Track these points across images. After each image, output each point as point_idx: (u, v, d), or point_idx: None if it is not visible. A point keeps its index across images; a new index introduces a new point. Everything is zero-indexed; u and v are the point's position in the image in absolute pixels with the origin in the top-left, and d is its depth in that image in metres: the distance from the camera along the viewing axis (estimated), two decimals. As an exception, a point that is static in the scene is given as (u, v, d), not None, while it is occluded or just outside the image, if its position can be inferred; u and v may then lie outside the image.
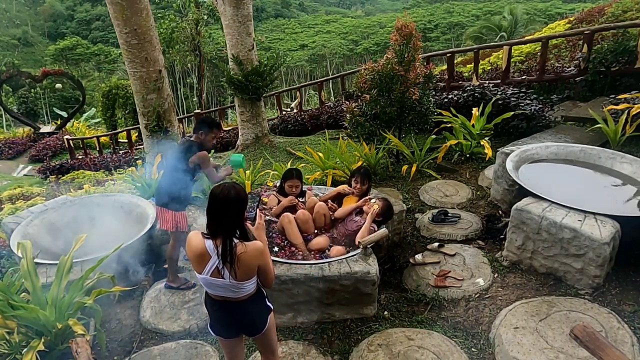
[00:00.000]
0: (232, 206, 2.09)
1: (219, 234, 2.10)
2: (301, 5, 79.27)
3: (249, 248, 2.11)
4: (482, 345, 2.92)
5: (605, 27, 8.49)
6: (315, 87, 24.74)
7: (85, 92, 23.14)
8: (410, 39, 5.85)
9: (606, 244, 3.06)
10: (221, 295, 2.22)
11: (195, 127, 3.76)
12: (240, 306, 2.24)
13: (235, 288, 2.17)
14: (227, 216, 2.09)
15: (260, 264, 2.18)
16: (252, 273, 2.17)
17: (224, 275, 2.12)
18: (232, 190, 2.10)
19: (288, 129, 11.66)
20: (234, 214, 2.10)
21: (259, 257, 2.16)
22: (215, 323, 2.36)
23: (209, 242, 2.12)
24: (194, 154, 3.58)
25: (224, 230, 2.10)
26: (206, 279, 2.17)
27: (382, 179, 6.03)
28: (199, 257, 2.15)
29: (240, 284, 2.15)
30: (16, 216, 4.80)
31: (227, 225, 2.10)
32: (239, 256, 2.08)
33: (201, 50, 21.09)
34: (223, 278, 2.13)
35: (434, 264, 3.80)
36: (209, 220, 2.13)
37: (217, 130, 3.75)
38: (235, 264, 2.08)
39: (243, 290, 2.20)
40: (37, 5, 69.06)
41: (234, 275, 2.10)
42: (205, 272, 2.15)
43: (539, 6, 52.54)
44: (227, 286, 2.16)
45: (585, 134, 5.95)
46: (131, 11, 6.05)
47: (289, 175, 4.06)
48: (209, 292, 2.27)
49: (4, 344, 3.00)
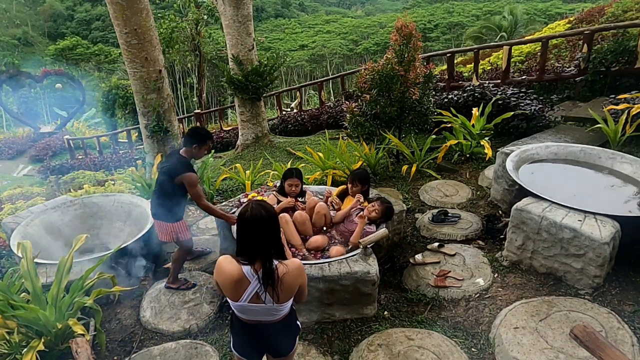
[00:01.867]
0: (267, 226, 1.96)
1: (257, 257, 1.96)
2: (301, 5, 79.23)
3: (290, 268, 2.00)
4: (482, 345, 2.92)
5: (605, 27, 8.49)
6: (315, 87, 24.74)
7: (85, 92, 23.14)
8: (410, 39, 5.86)
9: (606, 244, 3.06)
10: (257, 319, 2.09)
11: (186, 139, 3.53)
12: (274, 328, 2.11)
13: (275, 311, 2.05)
14: (264, 238, 1.96)
15: (301, 282, 2.07)
16: (293, 293, 2.06)
17: (265, 300, 1.98)
18: (262, 209, 1.97)
19: (288, 129, 11.66)
20: (271, 234, 1.98)
21: (301, 276, 2.05)
22: (243, 345, 2.20)
23: (247, 268, 1.96)
24: (181, 173, 3.42)
25: (263, 253, 1.96)
26: (243, 305, 2.01)
27: (382, 179, 6.03)
28: (236, 285, 1.97)
29: (280, 306, 2.04)
30: (16, 216, 4.80)
31: (265, 247, 1.96)
32: (282, 278, 1.96)
33: (201, 50, 21.09)
34: (264, 303, 1.99)
35: (434, 264, 3.80)
36: (243, 245, 1.98)
37: (211, 142, 3.61)
38: (278, 287, 1.95)
39: (282, 312, 2.09)
40: (37, 5, 69.03)
41: (277, 298, 1.98)
42: (243, 300, 1.99)
43: (539, 6, 52.51)
44: (266, 310, 2.03)
45: (585, 134, 5.95)
46: (131, 11, 6.05)
47: (289, 174, 4.07)
48: (242, 317, 2.11)
49: (4, 344, 3.00)
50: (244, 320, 2.12)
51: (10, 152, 18.19)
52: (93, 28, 62.64)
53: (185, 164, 3.51)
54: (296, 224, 3.59)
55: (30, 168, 15.76)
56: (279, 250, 2.03)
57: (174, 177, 3.44)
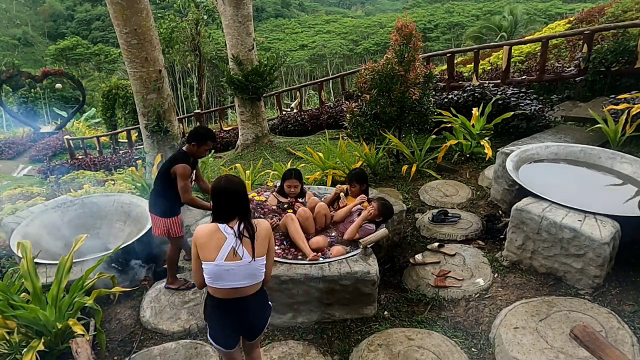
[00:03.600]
0: (240, 191, 2.26)
1: (233, 218, 2.23)
2: (301, 5, 79.23)
3: (259, 223, 2.30)
4: (482, 345, 2.92)
5: (605, 27, 8.49)
6: (315, 87, 24.73)
7: (85, 92, 23.14)
8: (410, 39, 5.86)
9: (606, 244, 3.06)
10: (231, 286, 2.20)
11: (188, 137, 3.61)
12: (249, 304, 2.26)
13: (250, 270, 2.21)
14: (239, 200, 2.24)
15: (270, 241, 2.32)
16: (265, 249, 2.28)
17: (242, 255, 2.18)
18: (234, 178, 2.31)
19: (288, 129, 11.66)
20: (244, 197, 2.27)
21: (269, 233, 2.31)
22: (220, 329, 2.31)
23: (222, 225, 2.21)
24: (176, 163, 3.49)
25: (240, 213, 2.23)
26: (219, 265, 2.16)
27: (382, 179, 6.03)
28: (214, 241, 2.18)
29: (257, 264, 2.22)
30: (16, 216, 4.80)
31: (240, 207, 2.24)
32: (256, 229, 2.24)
33: (201, 50, 21.08)
34: (241, 259, 2.18)
35: (434, 264, 3.80)
36: (221, 210, 2.24)
37: (211, 142, 3.64)
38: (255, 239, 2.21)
39: (257, 275, 2.25)
40: (37, 5, 69.02)
41: (251, 250, 2.20)
42: (219, 258, 2.16)
43: (539, 6, 52.49)
44: (241, 269, 2.19)
45: (585, 134, 5.95)
46: (131, 11, 6.05)
47: (288, 175, 4.07)
48: (216, 287, 2.21)
49: (4, 344, 3.01)
50: (220, 298, 2.25)
51: (10, 152, 18.19)
52: (93, 28, 62.64)
53: (183, 156, 3.56)
54: (300, 220, 3.58)
55: (30, 168, 15.76)
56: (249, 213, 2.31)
57: (171, 167, 3.51)
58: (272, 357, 2.96)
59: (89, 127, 23.55)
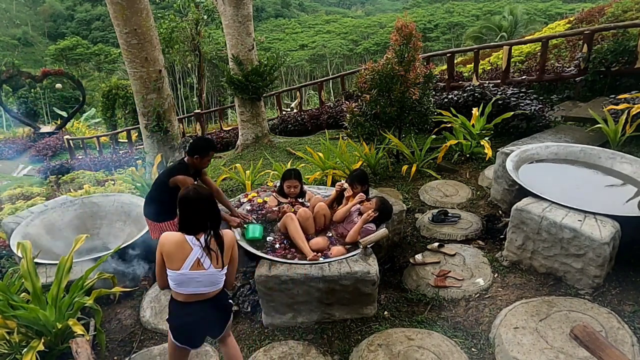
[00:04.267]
0: (207, 203, 2.33)
1: (200, 230, 2.30)
2: (301, 5, 79.22)
3: (225, 235, 2.38)
4: (482, 345, 2.92)
5: (605, 27, 8.49)
6: (315, 87, 24.74)
7: (85, 92, 23.13)
8: (410, 39, 5.86)
9: (606, 244, 3.06)
10: (195, 292, 2.32)
11: (188, 149, 3.57)
12: (209, 303, 2.38)
13: (213, 279, 2.33)
14: (208, 212, 2.31)
15: (233, 251, 2.42)
16: (228, 260, 2.39)
17: (205, 265, 2.28)
18: (201, 189, 2.36)
19: (288, 129, 11.66)
20: (211, 209, 2.33)
21: (233, 243, 2.42)
22: (183, 330, 2.42)
23: (189, 237, 2.29)
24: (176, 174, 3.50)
25: (208, 225, 2.30)
26: (184, 274, 2.28)
27: (382, 179, 6.03)
28: (180, 251, 2.27)
29: (218, 273, 2.33)
30: (16, 216, 4.80)
31: (210, 218, 2.31)
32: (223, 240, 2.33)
33: (201, 50, 21.08)
34: (204, 269, 2.28)
35: (434, 264, 3.80)
36: (188, 220, 2.31)
37: (213, 152, 3.64)
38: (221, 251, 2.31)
39: (218, 282, 2.37)
40: (37, 5, 69.01)
41: (216, 262, 2.29)
42: (184, 267, 2.27)
43: (539, 6, 52.49)
44: (205, 278, 2.30)
45: (585, 134, 5.95)
46: (131, 11, 6.05)
47: (288, 176, 4.07)
48: (180, 292, 2.33)
49: (4, 344, 3.01)
50: (182, 301, 2.36)
51: (10, 152, 18.19)
52: (93, 28, 62.64)
53: (182, 168, 3.57)
54: (300, 220, 3.58)
55: (30, 168, 15.76)
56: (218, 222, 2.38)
57: (169, 178, 3.51)
58: (272, 357, 2.96)
59: (89, 127, 23.56)
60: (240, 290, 3.68)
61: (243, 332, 3.33)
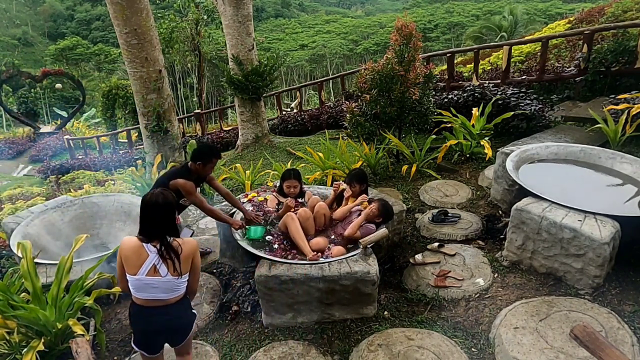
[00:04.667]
0: (164, 210, 2.31)
1: (156, 236, 2.29)
2: (301, 5, 79.24)
3: (185, 243, 2.36)
4: (482, 345, 2.92)
5: (605, 27, 8.49)
6: (315, 87, 24.74)
7: (85, 92, 23.15)
8: (410, 39, 5.85)
9: (606, 244, 3.06)
10: (152, 297, 2.32)
11: (192, 155, 3.61)
12: (170, 309, 2.36)
13: (170, 286, 2.31)
14: (162, 219, 2.30)
15: (194, 259, 2.40)
16: (187, 268, 2.37)
17: (161, 272, 2.27)
18: (161, 196, 2.33)
19: (288, 129, 11.66)
20: (167, 216, 2.32)
21: (194, 252, 2.39)
22: (142, 334, 2.43)
23: (146, 245, 2.29)
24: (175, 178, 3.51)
25: (161, 231, 2.29)
26: (140, 279, 2.28)
27: (382, 179, 6.03)
28: (136, 257, 2.28)
29: (176, 280, 2.31)
30: (16, 216, 4.80)
31: (163, 227, 2.30)
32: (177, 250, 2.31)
33: (201, 50, 21.09)
34: (161, 275, 2.27)
35: (434, 264, 3.80)
36: (144, 225, 2.31)
37: (216, 159, 3.65)
38: (177, 259, 2.29)
39: (176, 290, 2.34)
40: (37, 5, 69.02)
41: (172, 270, 2.28)
42: (140, 273, 2.27)
43: (539, 6, 52.50)
44: (162, 284, 2.29)
45: (585, 134, 5.95)
46: (131, 11, 6.05)
47: (287, 176, 4.07)
48: (138, 297, 2.34)
49: (4, 344, 3.01)
50: (141, 305, 2.35)
51: (10, 152, 18.20)
52: (93, 28, 62.66)
53: (184, 172, 3.58)
54: (300, 221, 3.58)
55: (30, 168, 15.77)
56: (175, 231, 2.36)
57: (169, 181, 3.52)
58: (272, 357, 2.96)
59: (89, 127, 23.55)
60: (240, 290, 3.68)
61: (243, 332, 3.33)
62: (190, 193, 3.52)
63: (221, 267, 4.18)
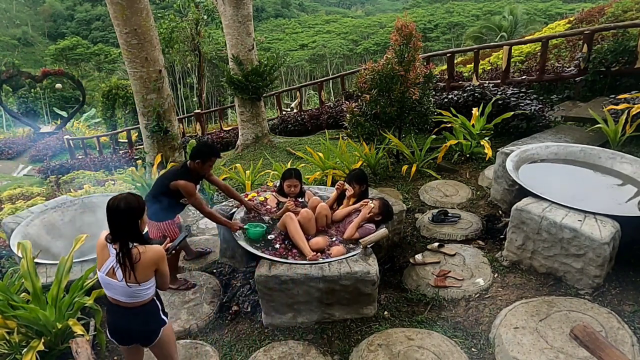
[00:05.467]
0: (124, 216, 2.24)
1: (117, 239, 2.26)
2: (301, 5, 79.22)
3: (147, 250, 2.27)
4: (482, 345, 2.92)
5: (605, 27, 8.49)
6: (315, 87, 24.74)
7: (85, 92, 23.13)
8: (410, 39, 5.86)
9: (606, 244, 3.06)
10: (115, 298, 2.34)
11: (191, 154, 3.61)
12: (132, 313, 2.35)
13: (127, 292, 2.28)
14: (121, 225, 2.24)
15: (158, 268, 2.33)
16: (148, 276, 2.30)
17: (118, 276, 2.25)
18: (123, 201, 2.25)
19: (288, 129, 11.66)
20: (126, 222, 2.24)
21: (157, 261, 2.31)
22: (113, 328, 2.46)
23: (110, 245, 2.29)
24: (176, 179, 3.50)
25: (120, 236, 2.24)
26: (103, 277, 2.30)
27: (382, 179, 6.03)
28: (102, 253, 2.31)
29: (135, 288, 2.26)
30: (16, 216, 4.80)
31: (122, 232, 2.24)
32: (139, 256, 2.24)
33: (201, 50, 21.09)
34: (117, 279, 2.25)
35: (434, 264, 3.80)
36: (109, 227, 2.28)
37: (215, 158, 3.64)
38: (131, 267, 2.22)
39: (136, 297, 2.30)
40: (37, 5, 69.02)
41: (128, 278, 2.23)
42: (102, 270, 2.29)
43: (539, 6, 52.49)
44: (119, 288, 2.28)
45: (585, 134, 5.95)
46: (131, 11, 6.05)
47: (288, 175, 4.07)
48: (106, 293, 2.37)
49: (4, 344, 3.01)
50: (109, 301, 2.38)
51: (10, 152, 18.20)
52: (93, 28, 62.64)
53: (184, 173, 3.57)
54: (301, 222, 3.57)
55: (30, 168, 15.77)
56: (136, 236, 2.28)
57: (171, 181, 3.51)
58: (272, 357, 2.96)
59: (89, 127, 23.54)
60: (240, 290, 3.68)
61: (243, 332, 3.33)
62: (190, 195, 3.51)
63: (221, 267, 4.18)
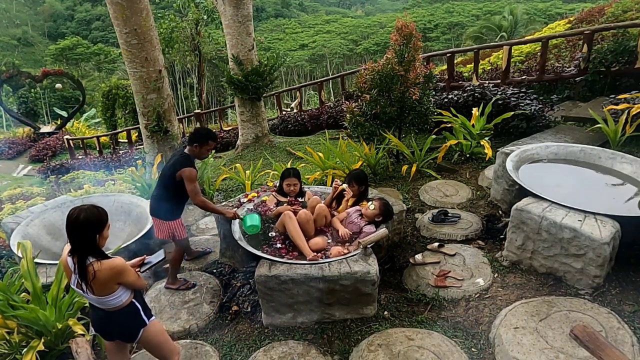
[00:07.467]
0: (81, 228, 2.16)
1: (74, 253, 2.22)
2: (301, 5, 79.22)
3: (103, 266, 2.19)
4: (482, 345, 2.92)
5: (605, 27, 8.49)
6: (315, 87, 24.73)
7: (85, 92, 23.13)
8: (410, 39, 5.86)
9: (606, 244, 3.06)
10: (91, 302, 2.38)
11: (189, 138, 3.62)
12: (110, 315, 2.36)
13: (98, 301, 2.30)
14: (78, 238, 2.18)
15: (119, 281, 2.28)
16: (109, 290, 2.26)
17: (84, 289, 2.25)
18: (83, 213, 2.17)
19: (288, 129, 11.66)
20: (84, 235, 2.17)
21: (115, 276, 2.24)
22: (94, 325, 2.51)
23: (70, 259, 2.25)
24: (181, 167, 3.48)
25: (77, 250, 2.20)
26: (74, 288, 2.32)
27: (382, 179, 6.03)
28: (66, 270, 2.32)
29: (101, 299, 2.27)
30: (16, 216, 4.81)
31: (79, 245, 2.19)
32: (94, 274, 2.18)
33: (201, 50, 21.08)
34: (84, 292, 2.26)
35: (434, 264, 3.80)
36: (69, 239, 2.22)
37: (212, 142, 3.62)
38: (90, 282, 2.19)
39: (107, 305, 2.31)
40: (37, 5, 69.04)
41: (91, 290, 2.23)
42: (72, 283, 2.31)
43: (539, 6, 52.49)
44: (90, 297, 2.29)
45: (585, 134, 5.95)
46: (131, 11, 6.05)
47: (287, 174, 4.07)
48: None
49: (4, 344, 3.01)
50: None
51: (10, 152, 18.20)
52: (93, 28, 62.65)
53: (186, 160, 3.55)
54: (300, 223, 3.57)
55: (30, 168, 15.77)
56: (94, 250, 2.22)
57: (175, 172, 3.49)
58: (272, 357, 2.96)
59: (89, 127, 23.55)
60: (240, 290, 3.68)
61: (243, 332, 3.33)
62: (192, 180, 3.49)
63: (221, 267, 4.18)
